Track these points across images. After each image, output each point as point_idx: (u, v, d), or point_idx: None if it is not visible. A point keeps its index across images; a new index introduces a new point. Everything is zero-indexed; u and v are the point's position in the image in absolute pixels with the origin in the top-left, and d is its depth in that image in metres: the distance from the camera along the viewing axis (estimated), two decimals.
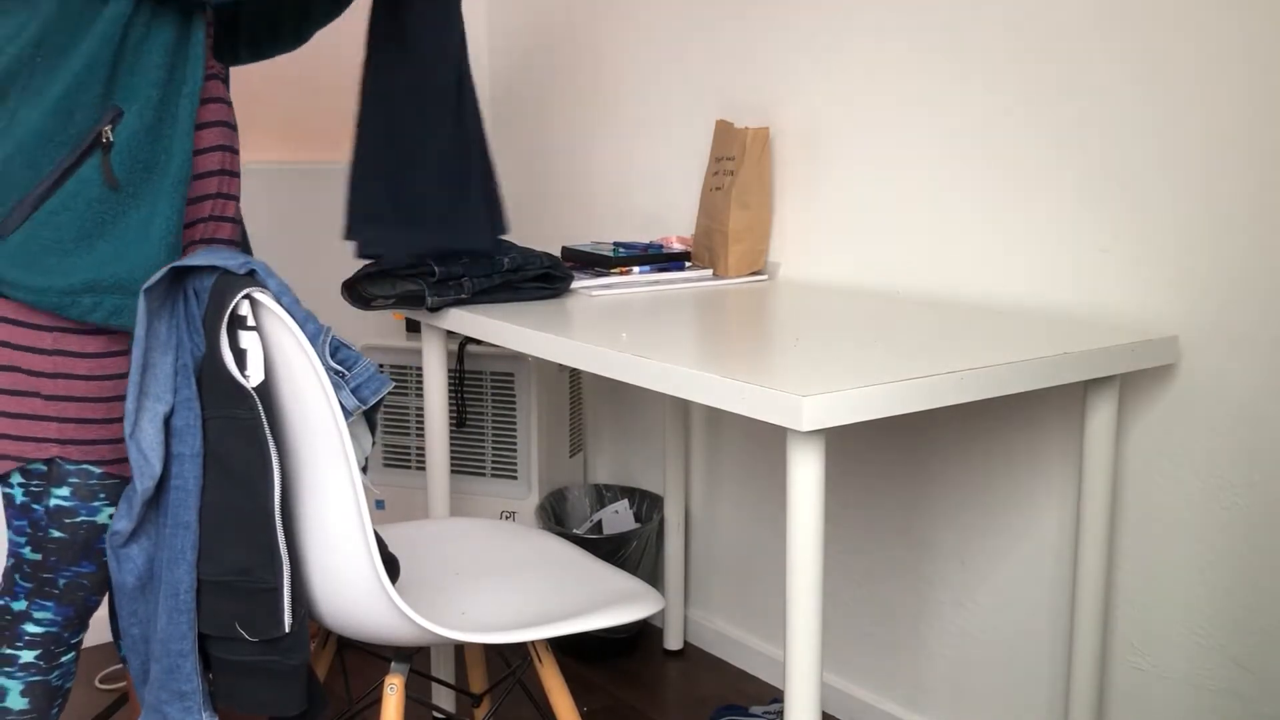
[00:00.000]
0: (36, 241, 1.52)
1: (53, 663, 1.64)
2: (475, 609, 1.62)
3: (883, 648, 2.21)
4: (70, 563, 1.61)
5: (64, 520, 1.59)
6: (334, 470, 1.45)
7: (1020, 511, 1.93)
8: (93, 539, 1.61)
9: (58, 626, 1.64)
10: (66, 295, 1.52)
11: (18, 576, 1.62)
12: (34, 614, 1.62)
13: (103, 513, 1.61)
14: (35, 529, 1.59)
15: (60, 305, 1.53)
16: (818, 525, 1.33)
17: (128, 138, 1.54)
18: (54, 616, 1.63)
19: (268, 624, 1.44)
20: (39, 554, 1.60)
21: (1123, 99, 1.72)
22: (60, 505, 1.59)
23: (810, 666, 1.35)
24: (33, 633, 1.63)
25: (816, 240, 2.22)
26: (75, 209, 1.53)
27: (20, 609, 1.62)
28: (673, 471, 2.54)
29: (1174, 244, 1.68)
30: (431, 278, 1.89)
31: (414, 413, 2.71)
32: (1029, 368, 1.47)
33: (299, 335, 1.41)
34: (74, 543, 1.60)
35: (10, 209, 1.52)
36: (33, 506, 1.59)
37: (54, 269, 1.52)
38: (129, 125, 1.54)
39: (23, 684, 1.62)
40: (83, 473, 1.58)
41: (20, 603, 1.62)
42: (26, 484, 1.59)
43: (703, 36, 2.44)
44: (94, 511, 1.60)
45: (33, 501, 1.59)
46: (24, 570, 1.62)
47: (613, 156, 2.72)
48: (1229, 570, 1.66)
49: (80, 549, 1.61)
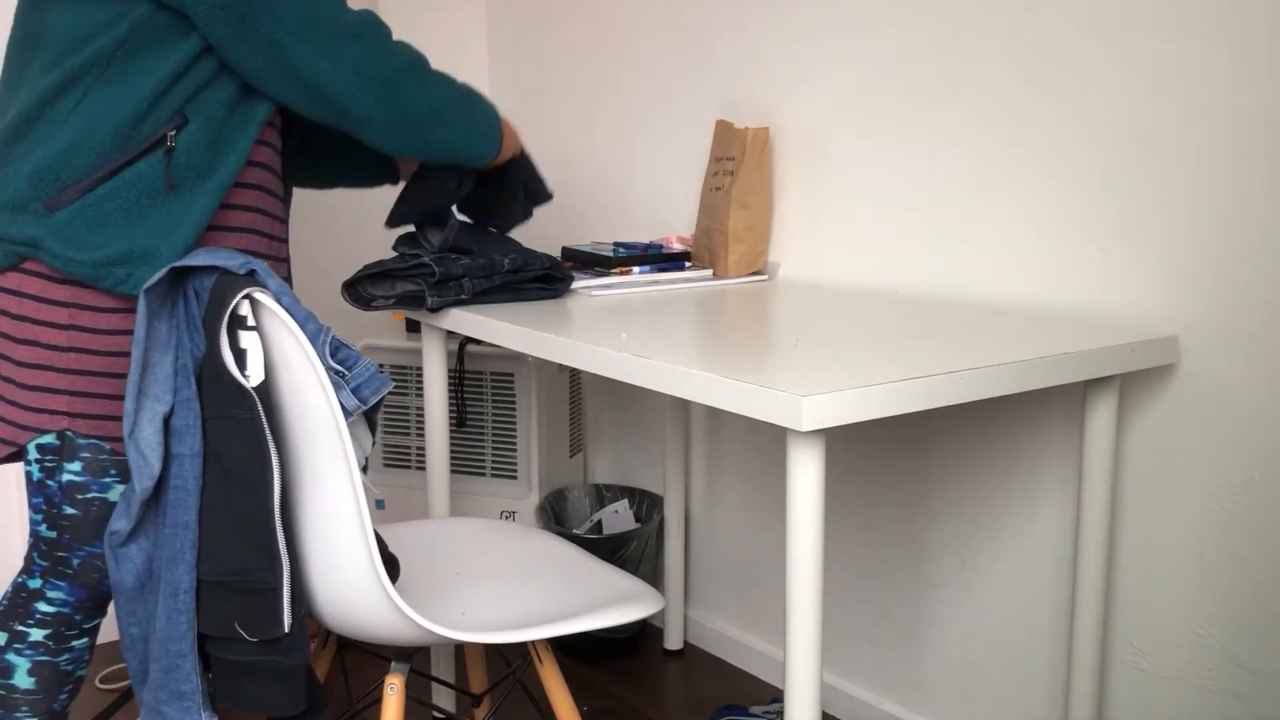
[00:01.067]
0: (84, 219, 1.58)
1: (62, 645, 1.66)
2: (475, 609, 1.62)
3: (883, 648, 2.21)
4: (84, 541, 1.63)
5: (76, 496, 1.62)
6: (334, 470, 1.45)
7: (1020, 511, 1.93)
8: (105, 516, 1.64)
9: (69, 608, 1.66)
10: (101, 267, 1.58)
11: (35, 555, 1.65)
12: (47, 593, 1.65)
13: (114, 489, 1.64)
14: (50, 505, 1.62)
15: (95, 276, 1.58)
16: (818, 525, 1.33)
17: (187, 145, 1.61)
18: (66, 597, 1.65)
19: (267, 624, 1.44)
20: (54, 531, 1.63)
21: (1123, 99, 1.72)
22: (73, 480, 1.61)
23: (810, 666, 1.35)
24: (45, 612, 1.65)
25: (816, 240, 2.22)
26: (126, 198, 1.59)
27: (35, 587, 1.64)
28: (673, 471, 2.54)
29: (1174, 244, 1.68)
30: (431, 278, 1.89)
31: (414, 413, 2.71)
32: (1029, 368, 1.47)
33: (299, 335, 1.41)
34: (87, 520, 1.62)
35: (65, 187, 1.57)
36: (47, 483, 1.62)
37: (93, 244, 1.58)
38: (191, 135, 1.62)
39: (30, 663, 1.64)
40: (94, 447, 1.61)
41: (36, 580, 1.64)
42: (41, 459, 1.62)
43: (703, 36, 2.44)
44: (105, 488, 1.63)
45: (47, 478, 1.62)
46: (41, 548, 1.64)
47: (613, 156, 2.72)
48: (1229, 570, 1.66)
49: (93, 527, 1.63)
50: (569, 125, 2.86)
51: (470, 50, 3.10)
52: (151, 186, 1.60)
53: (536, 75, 2.95)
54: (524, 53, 2.99)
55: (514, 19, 3.01)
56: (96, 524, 1.63)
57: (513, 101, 3.05)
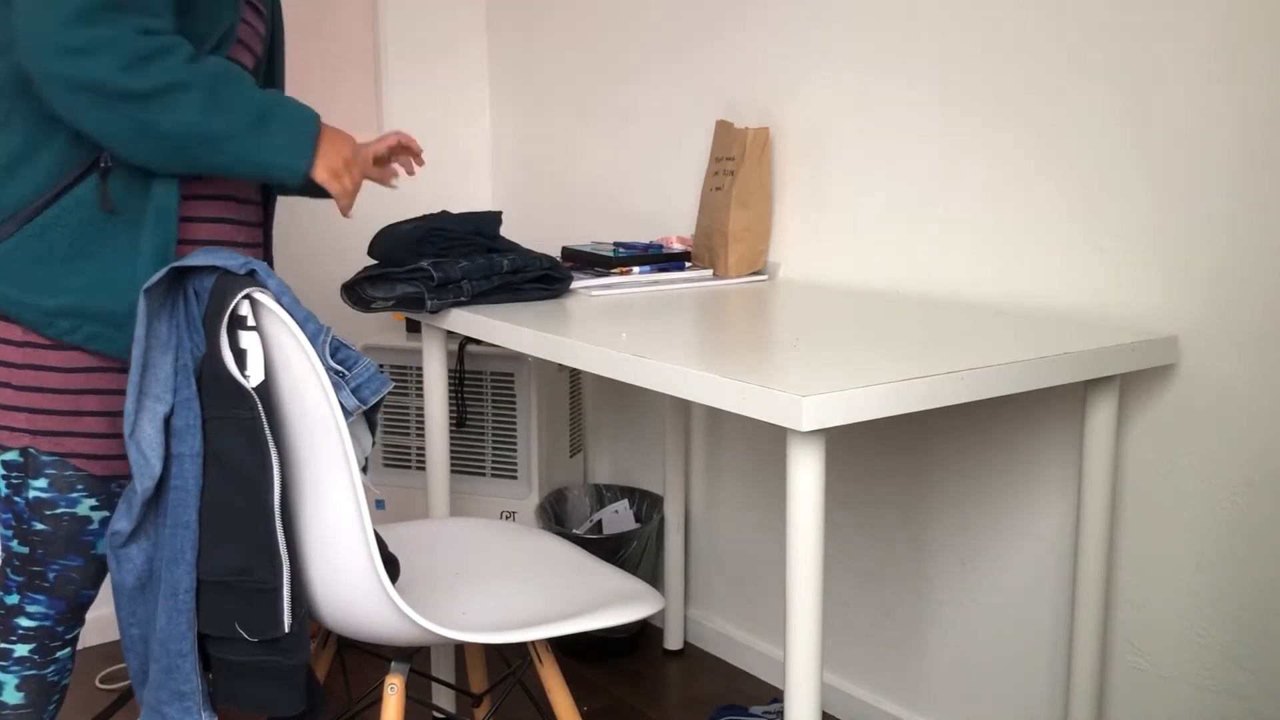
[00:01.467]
0: (25, 253, 1.53)
1: (48, 657, 1.65)
2: (475, 609, 1.62)
3: (883, 648, 2.21)
4: (57, 555, 1.62)
5: (44, 512, 1.60)
6: (334, 470, 1.45)
7: (1020, 511, 1.93)
8: (76, 531, 1.62)
9: (50, 620, 1.64)
10: (45, 315, 1.54)
11: (9, 570, 1.63)
12: (27, 608, 1.63)
13: (82, 504, 1.61)
14: (19, 521, 1.61)
15: (37, 323, 1.55)
16: (818, 525, 1.33)
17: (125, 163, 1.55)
18: (46, 610, 1.64)
19: (267, 624, 1.44)
20: (25, 547, 1.61)
21: (1123, 99, 1.72)
22: (39, 497, 1.60)
23: (810, 666, 1.35)
24: (26, 626, 1.63)
25: (816, 240, 2.22)
26: (67, 226, 1.54)
27: (13, 603, 1.63)
28: (673, 471, 2.54)
29: (1174, 244, 1.68)
30: (430, 282, 1.89)
31: (414, 413, 2.71)
32: (1029, 367, 1.47)
33: (299, 335, 1.41)
34: (58, 535, 1.61)
35: (3, 220, 1.53)
36: (14, 499, 1.60)
37: (40, 284, 1.54)
38: None
39: (18, 678, 1.63)
40: (58, 464, 1.59)
41: (13, 597, 1.63)
42: (7, 475, 1.60)
43: (703, 36, 2.44)
44: (73, 503, 1.61)
45: (14, 494, 1.60)
46: (14, 564, 1.63)
47: (613, 156, 2.72)
48: (1229, 570, 1.66)
49: (65, 541, 1.61)
50: (569, 125, 2.86)
51: (470, 50, 3.10)
52: (92, 213, 1.54)
53: (536, 75, 2.95)
54: (524, 53, 2.99)
55: (514, 18, 3.01)
56: (68, 539, 1.61)
57: (512, 101, 3.05)
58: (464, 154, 3.11)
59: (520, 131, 3.03)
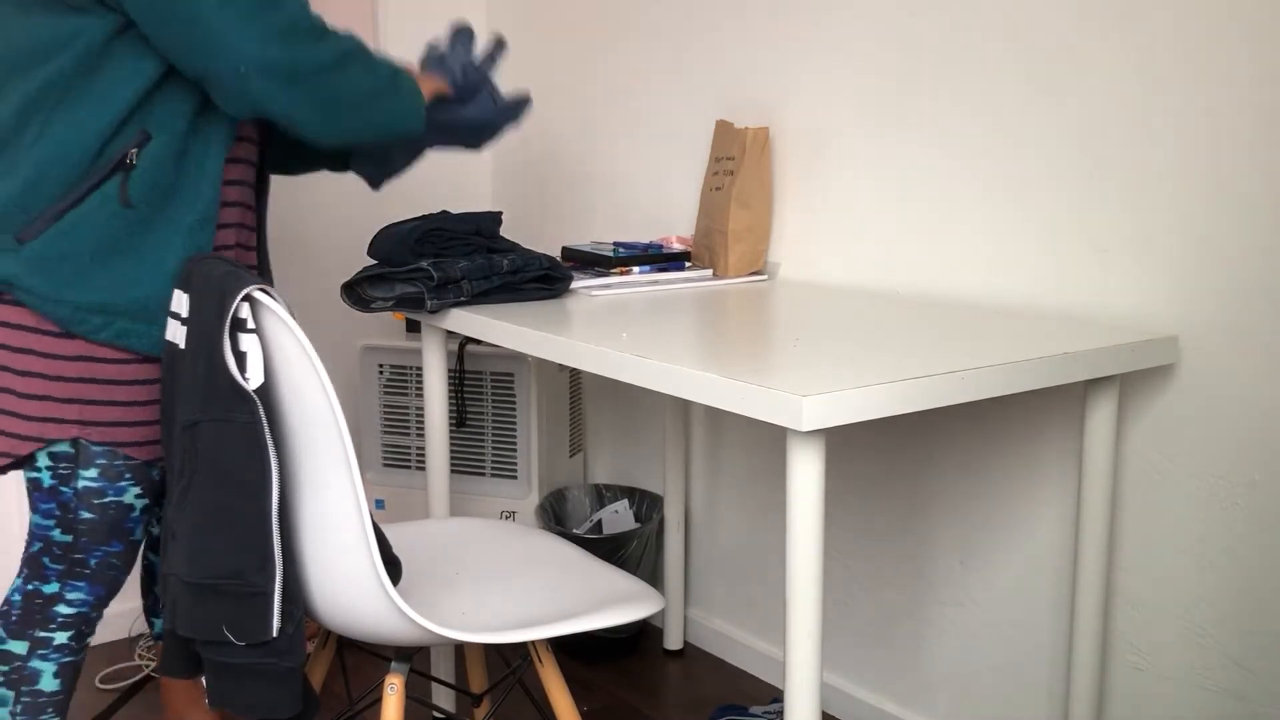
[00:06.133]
0: (54, 250, 1.56)
1: (82, 643, 1.69)
2: (475, 609, 1.62)
3: (883, 648, 2.21)
4: (100, 542, 1.64)
5: (93, 501, 1.62)
6: (334, 470, 1.45)
7: (1020, 511, 1.93)
8: (120, 518, 1.65)
9: (89, 606, 1.68)
10: (78, 310, 1.56)
11: (46, 560, 1.65)
12: (66, 595, 1.66)
13: (129, 492, 1.64)
14: (65, 511, 1.63)
15: (70, 319, 1.57)
16: (818, 525, 1.33)
17: (150, 163, 1.58)
18: (86, 596, 1.67)
19: (255, 627, 1.43)
20: (69, 535, 1.63)
21: (1122, 99, 1.72)
22: (89, 486, 1.62)
23: (810, 666, 1.35)
24: (66, 614, 1.66)
25: (816, 240, 2.22)
26: (94, 223, 1.56)
27: (52, 591, 1.65)
28: (673, 471, 2.54)
29: (1173, 244, 1.68)
30: (430, 282, 1.89)
31: (414, 413, 2.71)
32: (1029, 368, 1.47)
33: (300, 335, 1.41)
34: (103, 523, 1.64)
35: (34, 218, 1.55)
36: (61, 489, 1.62)
37: (70, 280, 1.56)
38: (153, 151, 1.59)
39: (56, 665, 1.66)
40: (108, 454, 1.62)
41: (52, 585, 1.65)
42: (54, 466, 1.62)
43: (703, 36, 2.44)
44: (121, 491, 1.64)
45: (61, 484, 1.62)
46: (53, 553, 1.65)
47: (613, 156, 2.72)
48: (1229, 570, 1.66)
49: (109, 528, 1.64)
50: (569, 125, 2.86)
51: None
52: (117, 208, 1.58)
53: (536, 74, 2.95)
54: (524, 52, 2.99)
55: (514, 18, 3.01)
56: (112, 526, 1.64)
57: None
58: (464, 154, 3.11)
59: (520, 131, 3.03)
